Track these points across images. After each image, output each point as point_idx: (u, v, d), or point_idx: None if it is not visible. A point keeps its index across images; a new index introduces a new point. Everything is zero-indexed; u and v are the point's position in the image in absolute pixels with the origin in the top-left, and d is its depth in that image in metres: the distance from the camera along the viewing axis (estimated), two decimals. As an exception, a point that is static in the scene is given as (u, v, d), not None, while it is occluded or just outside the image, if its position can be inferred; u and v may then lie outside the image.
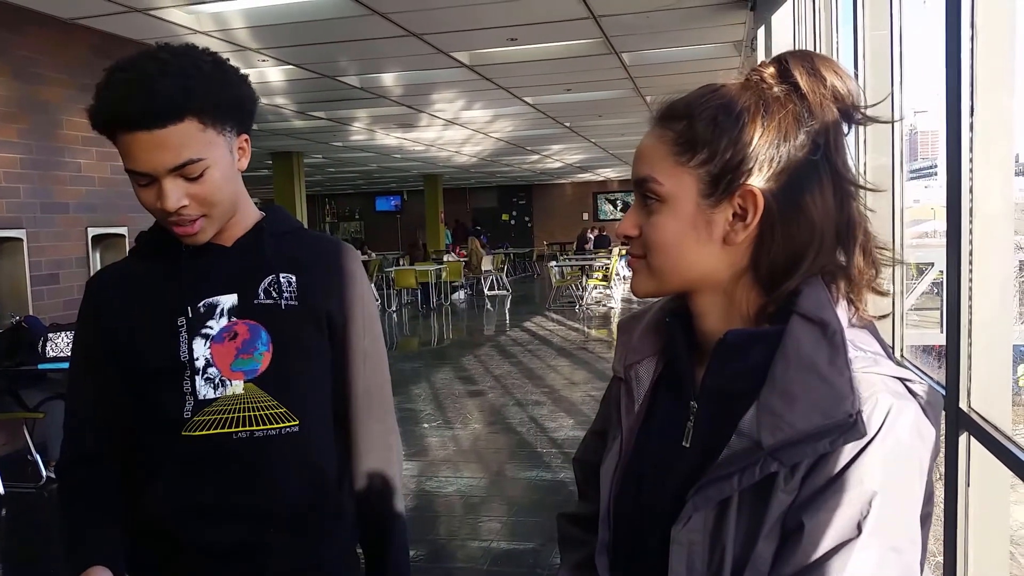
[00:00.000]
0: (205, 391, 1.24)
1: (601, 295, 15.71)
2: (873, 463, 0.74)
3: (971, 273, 1.71)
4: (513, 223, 29.78)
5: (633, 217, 0.88)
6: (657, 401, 0.94)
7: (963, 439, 1.74)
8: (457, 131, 13.47)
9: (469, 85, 9.31)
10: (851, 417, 0.73)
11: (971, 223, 1.71)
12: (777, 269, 0.83)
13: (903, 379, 0.78)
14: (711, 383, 0.86)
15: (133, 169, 1.15)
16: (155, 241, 1.31)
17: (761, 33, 5.59)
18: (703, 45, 7.82)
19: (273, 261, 1.30)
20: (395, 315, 14.71)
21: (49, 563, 3.85)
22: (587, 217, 28.35)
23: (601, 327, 12.16)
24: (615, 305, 14.69)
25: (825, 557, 0.73)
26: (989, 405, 1.71)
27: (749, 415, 0.78)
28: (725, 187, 0.82)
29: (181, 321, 1.25)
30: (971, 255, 1.71)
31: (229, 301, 1.27)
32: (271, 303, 1.28)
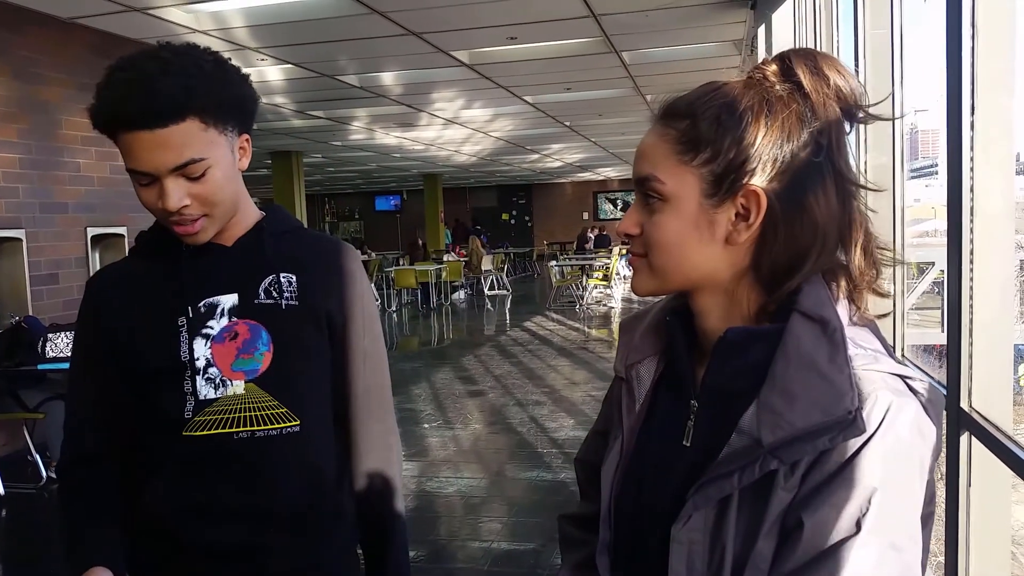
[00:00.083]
0: (206, 391, 1.24)
1: (601, 295, 15.71)
2: (873, 460, 0.73)
3: (972, 272, 1.71)
4: (513, 222, 29.79)
5: (634, 216, 0.87)
6: (658, 401, 0.94)
7: (964, 439, 1.74)
8: (457, 130, 13.47)
9: (469, 84, 9.31)
10: (850, 414, 0.73)
11: (972, 222, 1.70)
12: (779, 269, 0.82)
13: (904, 376, 0.77)
14: (711, 381, 0.86)
15: (134, 169, 1.15)
16: (155, 241, 1.30)
17: (761, 32, 5.59)
18: (703, 44, 7.82)
19: (273, 261, 1.30)
20: (395, 315, 14.70)
21: (49, 563, 3.85)
22: (587, 216, 28.36)
23: (601, 327, 12.15)
24: (615, 305, 14.68)
25: (825, 555, 0.73)
26: (990, 404, 1.71)
27: (749, 413, 0.78)
28: (728, 187, 0.82)
29: (182, 321, 1.25)
30: (972, 254, 1.71)
31: (230, 301, 1.27)
32: (272, 303, 1.28)
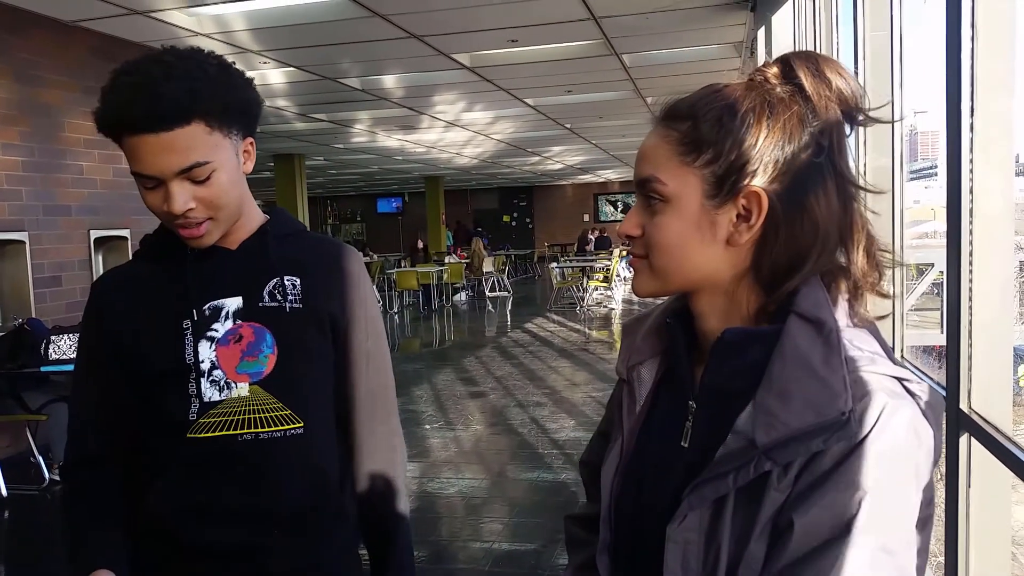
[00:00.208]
0: (210, 393, 1.24)
1: (602, 296, 15.71)
2: (865, 462, 0.73)
3: (971, 273, 1.71)
4: (514, 224, 29.80)
5: (635, 217, 0.88)
6: (659, 402, 0.94)
7: (964, 440, 1.75)
8: (458, 133, 13.48)
9: (470, 87, 9.32)
10: (844, 416, 0.73)
11: (971, 223, 1.71)
12: (779, 270, 0.83)
13: (901, 379, 0.77)
14: (709, 382, 0.87)
15: (139, 172, 1.15)
16: (160, 244, 1.31)
17: (761, 34, 5.60)
18: (703, 46, 7.83)
19: (277, 264, 1.30)
20: (396, 317, 14.71)
21: (51, 565, 3.85)
22: (588, 218, 28.36)
23: (602, 328, 12.15)
24: (616, 306, 14.68)
25: (813, 555, 0.72)
26: (990, 406, 1.71)
27: (745, 414, 0.78)
28: (730, 188, 0.82)
29: (186, 324, 1.25)
30: (971, 255, 1.71)
31: (234, 304, 1.27)
32: (276, 306, 1.28)
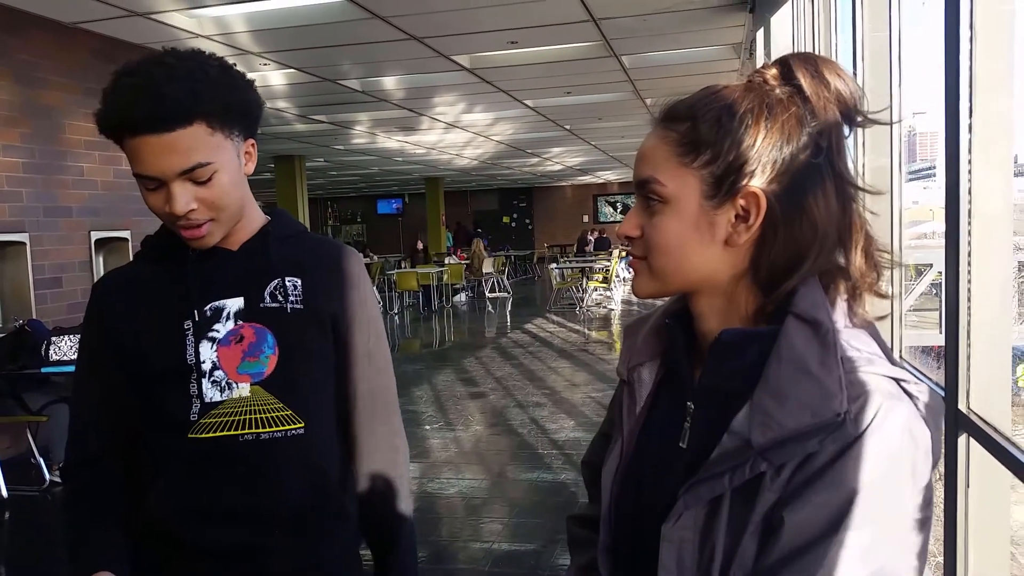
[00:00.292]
0: (211, 394, 1.25)
1: (601, 297, 15.71)
2: (857, 462, 0.73)
3: (970, 274, 1.71)
4: (514, 225, 29.80)
5: (635, 218, 0.88)
6: (658, 403, 0.94)
7: (962, 440, 1.75)
8: (458, 134, 13.48)
9: (469, 88, 9.32)
10: (839, 417, 0.73)
11: (970, 224, 1.71)
12: (777, 270, 0.83)
13: (898, 379, 0.77)
14: (707, 382, 0.87)
15: (141, 173, 1.15)
16: (161, 245, 1.31)
17: (760, 35, 5.59)
18: (702, 48, 7.83)
19: (278, 265, 1.30)
20: (397, 317, 14.71)
21: (52, 566, 3.86)
22: (587, 219, 28.37)
23: (601, 329, 12.16)
24: (615, 307, 14.69)
25: (802, 552, 0.73)
26: (988, 406, 1.71)
27: (742, 414, 0.78)
28: (728, 188, 0.82)
29: (188, 324, 1.25)
30: (970, 256, 1.71)
31: (235, 304, 1.27)
32: (277, 307, 1.29)
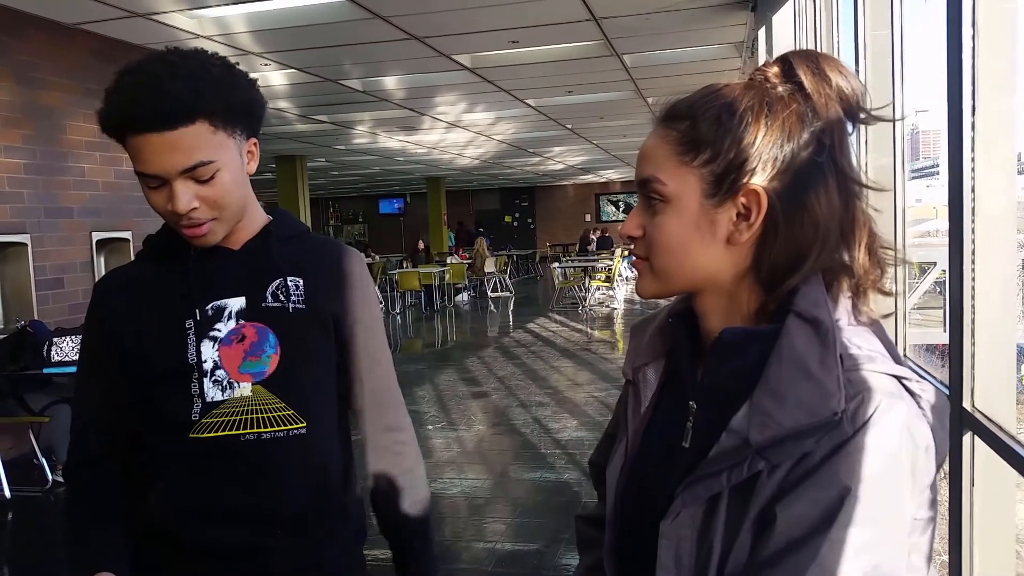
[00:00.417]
0: (213, 393, 1.24)
1: (604, 296, 15.71)
2: (852, 459, 0.72)
3: (974, 272, 1.71)
4: (516, 225, 29.81)
5: (637, 218, 0.88)
6: (662, 403, 0.94)
7: (967, 438, 1.74)
8: (459, 134, 13.48)
9: (471, 88, 9.32)
10: (836, 416, 0.73)
11: (973, 222, 1.70)
12: (778, 269, 0.83)
13: (900, 377, 0.77)
14: (708, 382, 0.87)
15: (143, 171, 1.15)
16: (162, 245, 1.31)
17: (762, 34, 5.59)
18: (704, 46, 7.82)
19: (280, 265, 1.30)
20: (399, 317, 14.71)
21: (54, 566, 3.85)
22: (589, 219, 28.38)
23: (604, 328, 12.15)
24: (618, 306, 14.69)
25: (794, 547, 0.72)
26: (993, 404, 1.71)
27: (741, 413, 0.78)
28: (728, 187, 0.82)
29: (189, 324, 1.25)
30: (974, 254, 1.71)
31: (237, 304, 1.27)
32: (279, 306, 1.28)
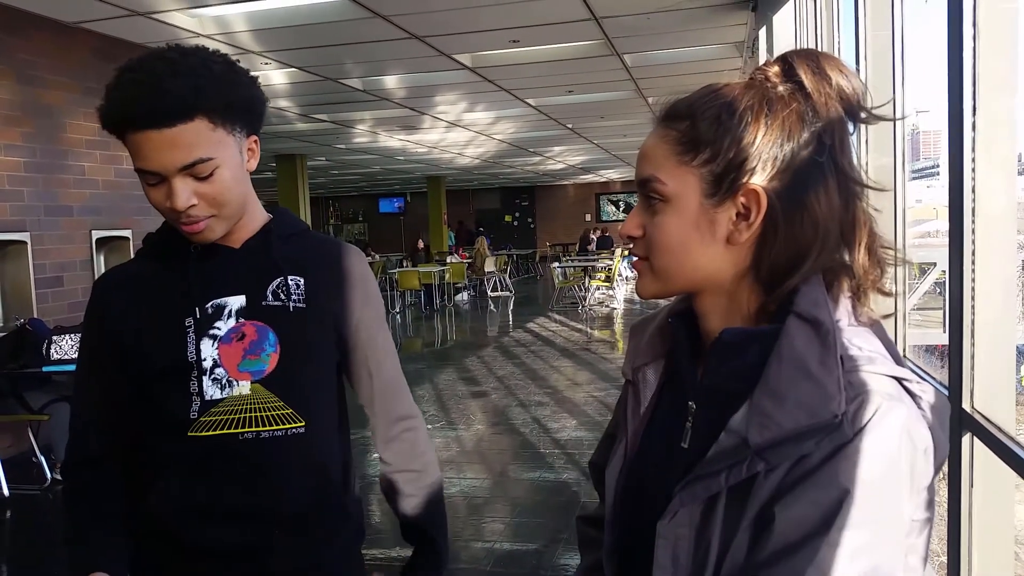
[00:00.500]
0: (212, 391, 1.24)
1: (604, 296, 15.71)
2: (851, 461, 0.72)
3: (974, 273, 1.71)
4: (516, 224, 29.81)
5: (637, 218, 0.87)
6: (662, 403, 0.94)
7: (966, 440, 1.74)
8: (460, 133, 13.48)
9: (471, 87, 9.32)
10: (836, 418, 0.72)
11: (974, 223, 1.70)
12: (778, 269, 0.82)
13: (900, 378, 0.76)
14: (708, 382, 0.86)
15: (143, 168, 1.15)
16: (162, 243, 1.31)
17: (762, 34, 5.59)
18: (705, 46, 7.81)
19: (281, 263, 1.30)
20: (399, 316, 14.70)
21: (54, 565, 3.86)
22: (590, 218, 28.38)
23: (604, 328, 12.15)
24: (618, 306, 14.69)
25: (793, 549, 0.72)
26: (992, 406, 1.70)
27: (740, 413, 0.77)
28: (728, 186, 0.82)
29: (189, 322, 1.25)
30: (974, 255, 1.71)
31: (237, 302, 1.27)
32: (279, 305, 1.28)
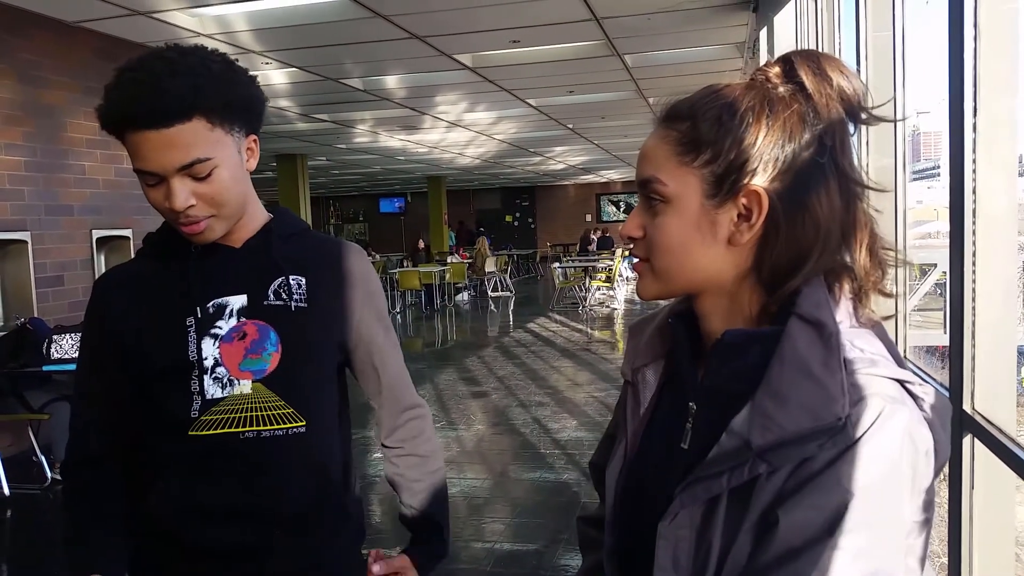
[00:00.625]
0: (213, 390, 1.24)
1: (604, 296, 15.71)
2: (854, 465, 0.72)
3: (975, 274, 1.70)
4: (516, 224, 29.81)
5: (637, 219, 0.87)
6: (662, 404, 0.94)
7: (967, 441, 1.74)
8: (460, 133, 13.48)
9: (472, 87, 9.32)
10: (840, 421, 0.72)
11: (974, 224, 1.70)
12: (780, 270, 0.82)
13: (902, 381, 0.76)
14: (708, 383, 0.86)
15: (141, 168, 1.15)
16: (163, 242, 1.31)
17: (763, 34, 5.59)
18: (705, 47, 7.82)
19: (282, 263, 1.30)
20: (399, 316, 14.70)
21: (54, 565, 3.86)
22: (590, 219, 28.38)
23: (604, 328, 12.15)
24: (618, 306, 14.69)
25: (795, 554, 0.72)
26: (993, 407, 1.70)
27: (742, 415, 0.77)
28: (729, 187, 0.81)
29: (190, 321, 1.25)
30: (975, 256, 1.70)
31: (239, 302, 1.27)
32: (281, 304, 1.28)
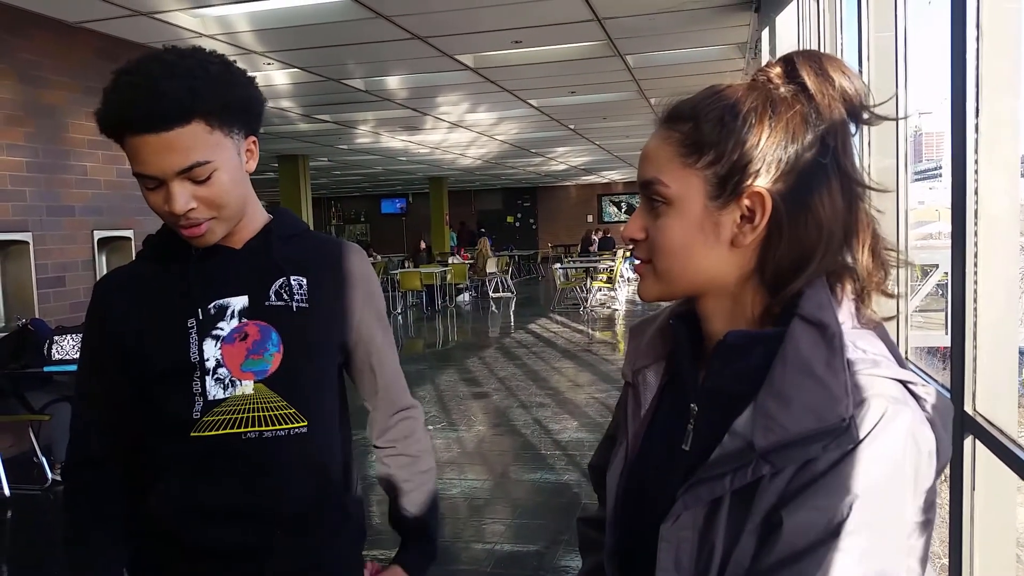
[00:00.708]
0: (215, 391, 1.24)
1: (605, 297, 15.71)
2: (858, 467, 0.72)
3: (976, 275, 1.70)
4: (518, 225, 29.81)
5: (639, 220, 0.87)
6: (663, 405, 0.94)
7: (968, 442, 1.73)
8: (462, 134, 13.48)
9: (473, 88, 9.32)
10: (844, 421, 0.72)
11: (976, 225, 1.70)
12: (783, 271, 0.82)
13: (905, 381, 0.76)
14: (710, 384, 0.86)
15: (141, 172, 1.15)
16: (163, 244, 1.31)
17: (765, 35, 5.59)
18: (707, 47, 7.82)
19: (283, 264, 1.30)
20: (400, 317, 14.71)
21: (54, 565, 3.86)
22: (591, 219, 28.38)
23: (605, 329, 12.15)
24: (619, 307, 14.69)
25: (800, 556, 0.72)
26: (995, 408, 1.70)
27: (744, 416, 0.77)
28: (732, 188, 0.81)
29: (191, 323, 1.25)
30: (976, 257, 1.70)
31: (240, 303, 1.27)
32: (282, 305, 1.28)
